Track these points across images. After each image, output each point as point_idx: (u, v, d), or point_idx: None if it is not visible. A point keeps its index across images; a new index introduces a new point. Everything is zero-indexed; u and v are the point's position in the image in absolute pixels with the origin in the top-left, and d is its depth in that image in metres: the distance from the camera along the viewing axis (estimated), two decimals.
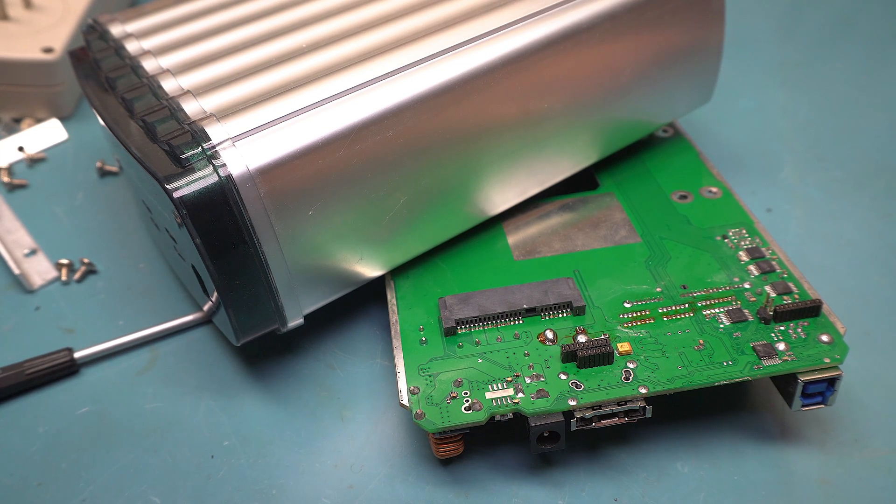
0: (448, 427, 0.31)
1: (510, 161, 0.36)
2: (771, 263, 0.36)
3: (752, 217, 0.38)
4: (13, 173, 0.48)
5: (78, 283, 0.41)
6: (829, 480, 0.33)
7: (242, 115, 0.32)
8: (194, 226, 0.30)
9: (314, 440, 0.34)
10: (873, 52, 0.55)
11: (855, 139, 0.48)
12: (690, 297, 0.35)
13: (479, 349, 0.33)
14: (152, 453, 0.34)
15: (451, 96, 0.33)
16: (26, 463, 0.34)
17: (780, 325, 0.33)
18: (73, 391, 0.37)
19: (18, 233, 0.44)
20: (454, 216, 0.37)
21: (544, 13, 0.35)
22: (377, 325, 0.39)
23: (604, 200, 0.40)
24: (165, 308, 0.40)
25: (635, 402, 0.31)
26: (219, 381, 0.37)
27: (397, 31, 0.35)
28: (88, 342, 0.38)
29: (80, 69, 0.37)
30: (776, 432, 0.34)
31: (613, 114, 0.39)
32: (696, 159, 0.42)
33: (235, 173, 0.30)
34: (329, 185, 0.32)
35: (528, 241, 0.38)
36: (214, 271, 0.31)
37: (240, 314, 0.33)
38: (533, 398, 0.31)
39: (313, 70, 0.34)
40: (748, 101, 0.51)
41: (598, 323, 0.34)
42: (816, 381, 0.31)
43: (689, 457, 0.33)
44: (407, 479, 0.33)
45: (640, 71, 0.38)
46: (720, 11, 0.39)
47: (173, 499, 0.33)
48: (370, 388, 0.36)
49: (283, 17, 0.37)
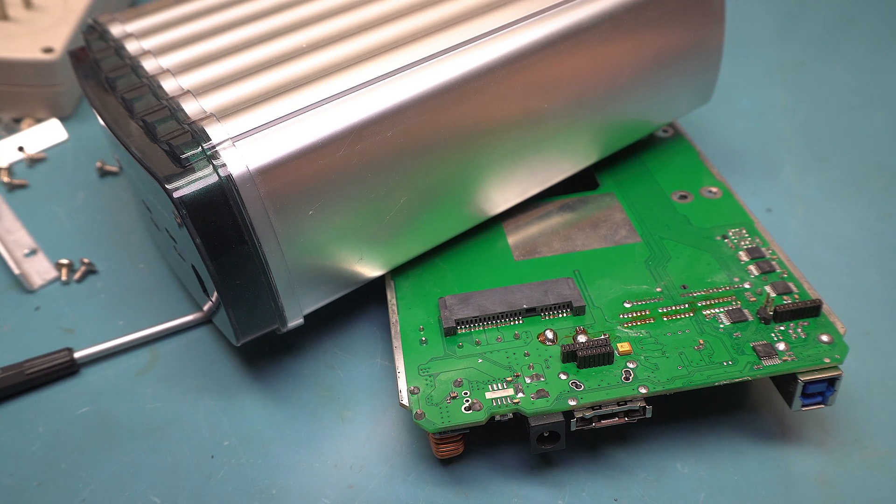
0: (448, 427, 0.31)
1: (510, 161, 0.36)
2: (771, 263, 0.36)
3: (752, 217, 0.38)
4: (13, 173, 0.48)
5: (78, 283, 0.41)
6: (829, 480, 0.33)
7: (242, 115, 0.32)
8: (194, 226, 0.30)
9: (314, 440, 0.34)
10: (873, 52, 0.55)
11: (855, 139, 0.48)
12: (690, 297, 0.35)
13: (479, 349, 0.33)
14: (152, 453, 0.34)
15: (451, 96, 0.33)
16: (26, 463, 0.34)
17: (780, 325, 0.33)
18: (73, 391, 0.37)
19: (18, 233, 0.44)
20: (454, 216, 0.37)
21: (544, 13, 0.35)
22: (377, 325, 0.39)
23: (604, 200, 0.40)
24: (165, 308, 0.40)
25: (635, 402, 0.31)
26: (219, 381, 0.37)
27: (397, 31, 0.35)
28: (88, 342, 0.38)
29: (80, 69, 0.37)
30: (776, 432, 0.34)
31: (613, 114, 0.39)
32: (696, 159, 0.42)
33: (235, 173, 0.30)
34: (329, 185, 0.32)
35: (528, 241, 0.38)
36: (214, 271, 0.31)
37: (240, 314, 0.33)
38: (533, 398, 0.31)
39: (313, 70, 0.34)
40: (748, 101, 0.51)
41: (598, 323, 0.34)
42: (816, 381, 0.31)
43: (689, 457, 0.33)
44: (407, 479, 0.33)
45: (640, 71, 0.38)
46: (720, 11, 0.39)
47: (173, 499, 0.33)
48: (370, 388, 0.36)
49: (283, 17, 0.37)
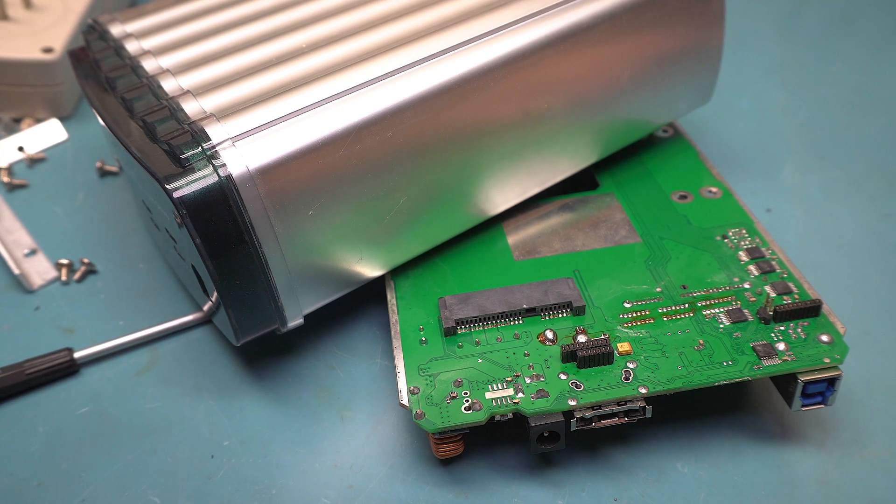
0: (448, 427, 0.31)
1: (510, 161, 0.36)
2: (771, 263, 0.36)
3: (752, 217, 0.38)
4: (13, 173, 0.48)
5: (78, 283, 0.41)
6: (829, 480, 0.33)
7: (242, 115, 0.32)
8: (194, 226, 0.30)
9: (314, 440, 0.34)
10: (873, 52, 0.55)
11: (855, 139, 0.48)
12: (690, 297, 0.35)
13: (478, 349, 0.33)
14: (152, 453, 0.34)
15: (451, 96, 0.33)
16: (26, 463, 0.34)
17: (780, 325, 0.33)
18: (73, 391, 0.37)
19: (18, 233, 0.44)
20: (454, 216, 0.37)
21: (544, 13, 0.35)
22: (377, 325, 0.39)
23: (604, 200, 0.40)
24: (165, 308, 0.40)
25: (635, 402, 0.31)
26: (219, 382, 0.37)
27: (397, 31, 0.35)
28: (88, 342, 0.38)
29: (80, 69, 0.37)
30: (776, 432, 0.34)
31: (613, 114, 0.39)
32: (696, 159, 0.42)
33: (235, 173, 0.30)
34: (329, 185, 0.32)
35: (528, 241, 0.38)
36: (214, 271, 0.31)
37: (240, 314, 0.33)
38: (533, 398, 0.31)
39: (313, 70, 0.34)
40: (748, 101, 0.51)
41: (598, 323, 0.34)
42: (816, 381, 0.31)
43: (689, 457, 0.33)
44: (407, 479, 0.33)
45: (640, 71, 0.38)
46: (720, 12, 0.39)
47: (173, 499, 0.33)
48: (370, 388, 0.36)
49: (283, 17, 0.37)
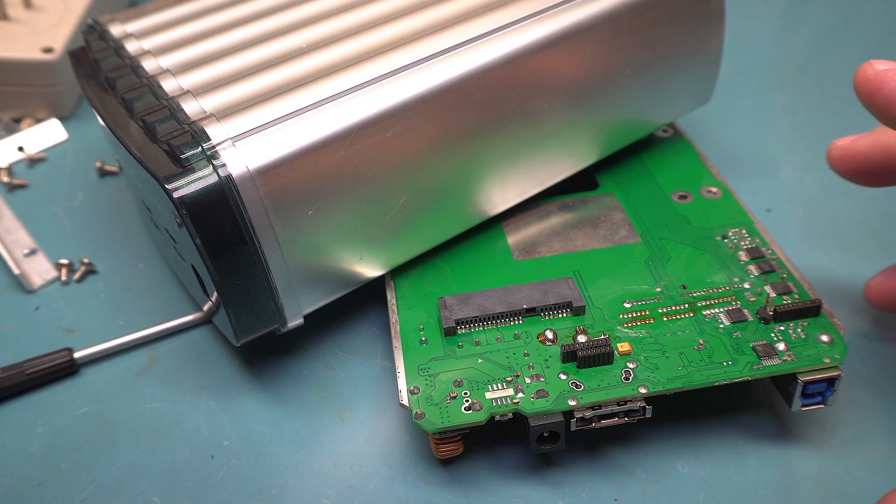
0: (448, 427, 0.31)
1: (510, 161, 0.36)
2: (771, 263, 0.36)
3: (751, 217, 0.38)
4: (13, 173, 0.48)
5: (78, 283, 0.41)
6: (829, 480, 0.33)
7: (242, 115, 0.32)
8: (194, 226, 0.30)
9: (314, 440, 0.34)
10: (873, 52, 0.55)
11: None
12: (690, 297, 0.35)
13: (478, 349, 0.33)
14: (152, 453, 0.34)
15: (450, 96, 0.33)
16: (26, 463, 0.34)
17: (780, 325, 0.33)
18: (73, 391, 0.37)
19: (18, 233, 0.44)
20: (454, 216, 0.37)
21: (544, 13, 0.35)
22: (377, 325, 0.39)
23: (604, 200, 0.40)
24: (165, 308, 0.40)
25: (635, 402, 0.31)
26: (219, 381, 0.37)
27: (397, 31, 0.35)
28: (88, 342, 0.38)
29: (80, 69, 0.37)
30: (776, 432, 0.34)
31: (613, 114, 0.39)
32: (696, 159, 0.42)
33: (235, 173, 0.30)
34: (329, 185, 0.32)
35: (528, 241, 0.38)
36: (214, 271, 0.31)
37: (240, 314, 0.33)
38: (533, 398, 0.31)
39: (313, 70, 0.34)
40: (748, 101, 0.51)
41: (598, 323, 0.34)
42: (816, 381, 0.31)
43: (689, 457, 0.33)
44: (407, 479, 0.33)
45: (640, 71, 0.38)
46: (720, 12, 0.39)
47: (173, 499, 0.33)
48: (370, 388, 0.36)
49: (283, 17, 0.37)
